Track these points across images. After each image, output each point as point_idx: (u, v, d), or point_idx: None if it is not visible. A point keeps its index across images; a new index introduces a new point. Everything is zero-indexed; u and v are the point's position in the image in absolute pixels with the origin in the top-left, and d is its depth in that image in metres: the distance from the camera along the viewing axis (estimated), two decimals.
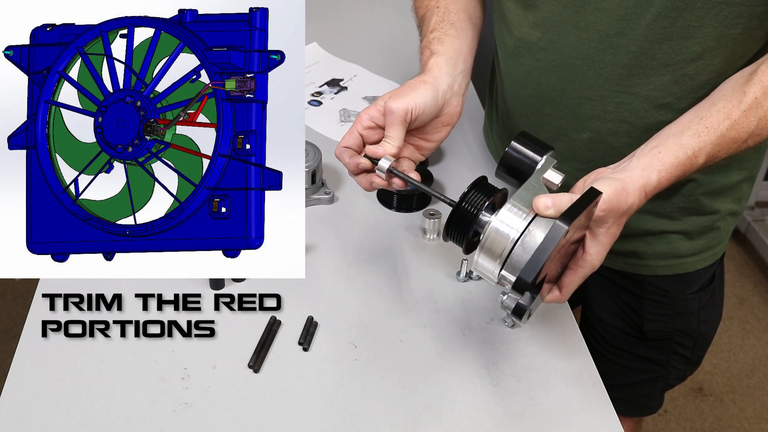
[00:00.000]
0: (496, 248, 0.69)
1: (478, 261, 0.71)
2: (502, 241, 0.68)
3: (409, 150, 0.86)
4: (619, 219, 0.73)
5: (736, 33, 0.79)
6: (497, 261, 0.69)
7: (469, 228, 0.72)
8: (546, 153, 0.74)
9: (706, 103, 0.78)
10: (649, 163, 0.74)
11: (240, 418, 0.76)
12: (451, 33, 0.90)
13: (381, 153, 0.79)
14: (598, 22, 0.83)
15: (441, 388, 0.81)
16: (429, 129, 0.86)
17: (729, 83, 0.79)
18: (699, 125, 0.76)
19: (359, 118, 0.82)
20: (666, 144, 0.75)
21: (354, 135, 0.81)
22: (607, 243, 0.74)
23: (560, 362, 0.85)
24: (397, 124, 0.80)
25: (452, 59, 0.88)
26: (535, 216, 0.68)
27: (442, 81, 0.85)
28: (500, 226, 0.69)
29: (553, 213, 0.67)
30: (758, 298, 2.35)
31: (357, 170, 0.81)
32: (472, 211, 0.72)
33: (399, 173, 0.79)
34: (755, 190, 2.45)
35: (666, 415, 1.97)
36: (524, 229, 0.68)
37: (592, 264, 0.74)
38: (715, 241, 1.03)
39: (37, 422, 0.74)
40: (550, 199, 0.68)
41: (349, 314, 0.89)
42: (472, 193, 0.73)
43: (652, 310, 1.08)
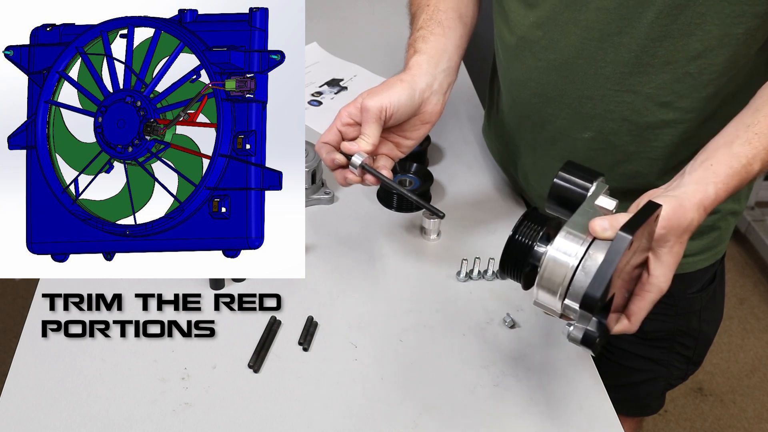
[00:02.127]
0: (556, 278, 0.65)
1: (538, 295, 0.67)
2: (561, 270, 0.65)
3: (387, 147, 0.87)
4: (680, 237, 0.70)
5: (738, 33, 0.79)
6: (558, 291, 0.65)
7: (525, 261, 0.69)
8: (596, 180, 0.71)
9: (749, 111, 0.76)
10: (703, 177, 0.72)
11: (240, 418, 0.76)
12: (437, 31, 0.91)
13: (354, 149, 0.80)
14: (599, 20, 0.83)
15: (441, 388, 0.81)
16: (407, 127, 0.87)
17: (766, 90, 0.77)
18: (748, 133, 0.74)
19: (339, 114, 0.83)
20: (716, 156, 0.73)
21: (333, 131, 0.83)
22: (672, 263, 0.71)
23: (560, 362, 0.85)
24: (371, 122, 0.81)
25: (434, 58, 0.88)
26: (593, 240, 0.65)
27: (420, 80, 0.85)
28: (557, 255, 0.65)
29: (611, 235, 0.63)
30: (758, 298, 2.35)
31: (333, 165, 0.82)
32: (527, 242, 0.69)
33: (371, 170, 0.80)
34: (755, 190, 2.45)
35: (666, 415, 1.97)
36: (584, 254, 0.64)
37: (660, 287, 0.71)
38: (716, 241, 1.03)
39: (37, 422, 0.74)
40: (606, 221, 0.65)
41: (349, 314, 0.89)
42: (525, 224, 0.69)
43: (653, 309, 1.07)
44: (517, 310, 0.90)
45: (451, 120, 1.27)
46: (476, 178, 1.14)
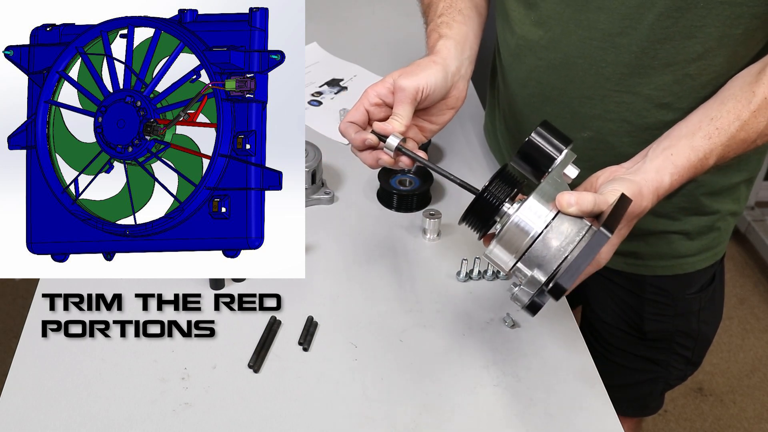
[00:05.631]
0: (515, 242, 0.69)
1: (493, 250, 0.71)
2: (522, 235, 0.69)
3: (413, 131, 0.85)
4: (630, 221, 0.73)
5: (737, 33, 0.79)
6: (514, 254, 0.69)
7: (490, 219, 0.72)
8: (568, 146, 0.73)
9: (716, 102, 0.78)
10: (662, 166, 0.75)
11: (240, 418, 0.76)
12: (458, 19, 0.91)
13: (390, 130, 0.78)
14: (600, 21, 0.83)
15: (441, 388, 0.81)
16: (434, 111, 0.86)
17: (737, 81, 0.79)
18: (710, 126, 0.76)
19: (366, 93, 0.81)
20: (678, 146, 0.76)
21: (360, 111, 0.80)
22: (616, 243, 0.74)
23: (560, 362, 0.85)
24: (406, 102, 0.79)
25: (460, 43, 0.88)
26: (558, 213, 0.68)
27: (451, 63, 0.85)
28: (521, 221, 0.69)
29: (576, 211, 0.68)
30: (758, 298, 2.35)
31: (363, 146, 0.79)
32: (494, 202, 0.71)
33: (408, 152, 0.78)
34: (755, 190, 2.45)
35: (666, 415, 1.97)
36: (546, 226, 0.68)
37: (598, 262, 0.74)
38: (715, 242, 1.03)
39: (37, 422, 0.74)
40: (573, 197, 0.68)
41: (349, 314, 0.89)
42: (495, 183, 0.72)
43: (653, 310, 1.08)
44: (517, 310, 0.90)
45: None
46: (476, 177, 1.14)
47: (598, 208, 0.68)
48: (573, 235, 0.68)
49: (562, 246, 0.67)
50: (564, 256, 0.67)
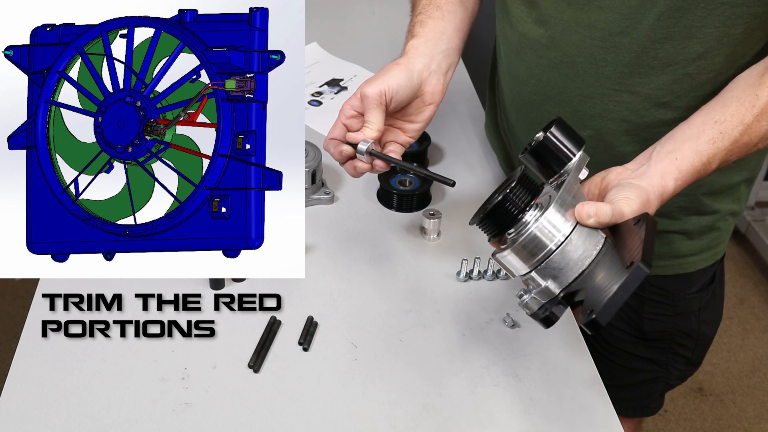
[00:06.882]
0: (533, 251, 0.68)
1: (506, 257, 0.69)
2: (541, 246, 0.67)
3: (394, 134, 0.87)
4: None
5: (737, 33, 0.79)
6: (530, 262, 0.68)
7: (509, 227, 0.71)
8: (581, 147, 0.72)
9: (718, 104, 0.78)
10: (667, 170, 0.74)
11: (240, 418, 0.76)
12: (435, 15, 0.92)
13: (359, 138, 0.81)
14: (601, 20, 0.83)
15: (441, 388, 0.81)
16: (411, 110, 0.87)
17: (739, 83, 0.78)
18: (713, 130, 0.76)
19: (342, 109, 0.84)
20: (682, 149, 0.75)
21: (338, 126, 0.83)
22: None
23: (560, 362, 0.85)
24: (373, 108, 0.81)
25: (431, 40, 0.89)
26: (576, 225, 0.68)
27: (416, 61, 0.86)
28: (541, 232, 0.67)
29: (594, 223, 0.67)
30: (758, 298, 2.35)
31: (342, 158, 0.83)
32: (514, 211, 0.70)
33: (379, 154, 0.80)
34: (755, 190, 2.45)
35: (666, 415, 1.97)
36: (565, 238, 0.67)
37: None
38: (715, 242, 1.03)
39: (37, 422, 0.74)
40: (593, 209, 0.67)
41: (349, 314, 0.89)
42: (517, 189, 0.70)
43: (653, 310, 1.08)
44: (517, 310, 0.90)
45: (451, 119, 1.27)
46: (476, 177, 1.14)
47: (614, 220, 0.68)
48: (590, 249, 0.67)
49: (579, 260, 0.67)
50: (581, 270, 0.66)
